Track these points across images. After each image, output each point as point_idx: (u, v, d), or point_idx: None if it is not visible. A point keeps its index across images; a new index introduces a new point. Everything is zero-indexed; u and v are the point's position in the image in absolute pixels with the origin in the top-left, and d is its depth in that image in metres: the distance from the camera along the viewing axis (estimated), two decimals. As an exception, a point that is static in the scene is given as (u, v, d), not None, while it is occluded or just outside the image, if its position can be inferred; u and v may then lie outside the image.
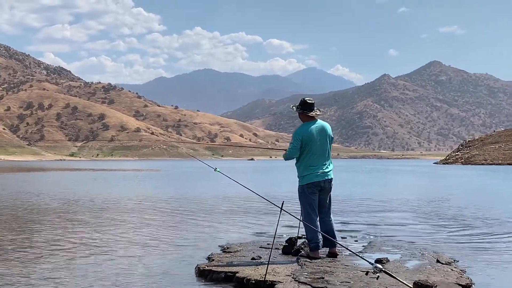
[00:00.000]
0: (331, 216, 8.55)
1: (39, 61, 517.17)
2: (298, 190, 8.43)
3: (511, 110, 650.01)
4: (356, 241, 10.36)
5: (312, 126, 8.33)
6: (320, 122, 8.46)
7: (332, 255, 8.30)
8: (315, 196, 8.30)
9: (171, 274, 7.69)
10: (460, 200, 21.67)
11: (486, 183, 36.00)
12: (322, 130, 8.38)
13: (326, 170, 8.31)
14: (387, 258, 8.06)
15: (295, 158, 8.46)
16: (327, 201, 8.48)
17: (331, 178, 8.40)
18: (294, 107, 8.57)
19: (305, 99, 8.54)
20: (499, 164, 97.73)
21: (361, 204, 18.74)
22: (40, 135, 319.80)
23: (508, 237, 11.43)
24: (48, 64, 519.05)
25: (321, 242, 8.25)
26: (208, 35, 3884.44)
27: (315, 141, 8.25)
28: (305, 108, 8.45)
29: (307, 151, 8.26)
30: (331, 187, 8.44)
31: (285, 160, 8.62)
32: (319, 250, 8.27)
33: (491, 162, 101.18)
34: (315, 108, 8.51)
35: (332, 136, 8.57)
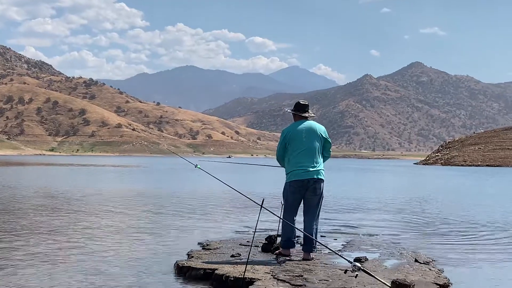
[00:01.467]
0: (316, 221, 8.24)
1: (20, 54, 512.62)
2: (284, 187, 8.38)
3: (491, 112, 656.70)
4: (336, 239, 10.38)
5: (300, 125, 8.25)
6: (310, 122, 8.34)
7: (305, 260, 7.99)
8: (298, 196, 8.14)
9: (150, 270, 7.66)
10: (438, 200, 21.84)
11: (464, 184, 36.31)
12: (311, 129, 8.22)
13: (311, 169, 8.07)
14: (366, 257, 8.09)
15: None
16: (315, 203, 8.20)
17: (319, 178, 8.11)
18: (288, 110, 8.60)
19: (299, 101, 8.58)
20: (478, 165, 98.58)
21: (341, 203, 18.80)
22: (20, 129, 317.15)
23: (485, 236, 11.56)
24: (29, 58, 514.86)
25: (294, 240, 8.28)
26: (191, 32, 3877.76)
27: (300, 138, 8.13)
28: (298, 109, 8.44)
29: (292, 149, 8.15)
30: (318, 188, 8.15)
31: (277, 160, 8.55)
32: (292, 249, 8.26)
33: (470, 164, 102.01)
34: (309, 110, 8.50)
35: (326, 137, 8.33)
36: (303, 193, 8.14)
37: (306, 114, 8.41)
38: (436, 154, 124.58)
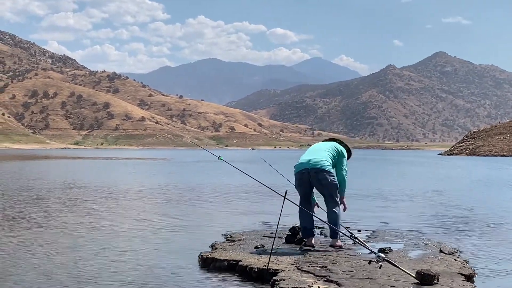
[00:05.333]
0: (335, 208, 8.21)
1: (44, 49, 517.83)
2: None
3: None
4: (360, 231, 10.33)
5: None
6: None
7: (333, 247, 8.17)
8: (303, 188, 8.32)
9: (174, 262, 7.70)
10: (464, 191, 21.67)
11: (491, 175, 35.91)
12: (328, 142, 8.79)
13: (309, 159, 8.24)
14: (390, 247, 8.06)
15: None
16: (327, 194, 8.24)
17: (318, 169, 8.11)
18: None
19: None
20: (504, 155, 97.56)
21: (365, 194, 18.73)
22: (45, 123, 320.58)
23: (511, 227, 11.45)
24: (53, 53, 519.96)
25: (313, 230, 8.35)
26: (212, 24, 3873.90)
27: (312, 146, 8.79)
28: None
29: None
30: (323, 179, 8.12)
31: None
32: (315, 241, 8.41)
33: (495, 154, 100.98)
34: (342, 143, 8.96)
35: (342, 152, 8.54)
36: (308, 185, 8.31)
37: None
38: (461, 145, 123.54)
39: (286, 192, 6.99)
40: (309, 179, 8.21)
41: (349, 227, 10.65)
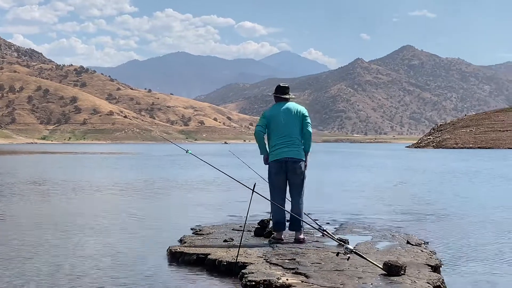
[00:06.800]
0: (301, 200, 8.15)
1: (10, 43, 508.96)
2: (268, 169, 8.35)
3: (482, 95, 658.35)
4: (328, 223, 10.40)
5: (280, 107, 8.26)
6: (291, 103, 8.32)
7: (297, 241, 7.99)
8: (280, 176, 8.11)
9: (143, 256, 7.66)
10: (430, 183, 21.93)
11: (456, 167, 36.38)
12: (290, 110, 8.20)
13: (288, 149, 8.03)
14: (348, 239, 8.01)
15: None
16: (297, 183, 8.13)
17: (297, 158, 8.02)
18: (269, 93, 8.64)
19: (279, 83, 8.59)
20: (470, 147, 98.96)
21: (333, 187, 18.84)
22: (11, 118, 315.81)
23: (476, 218, 11.61)
24: (19, 46, 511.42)
25: (286, 223, 8.24)
26: (180, 17, 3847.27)
27: (279, 120, 8.12)
28: (277, 92, 8.46)
29: (272, 130, 8.16)
30: (298, 168, 8.03)
31: (256, 141, 8.44)
32: (284, 233, 8.25)
33: (462, 146, 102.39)
34: (289, 92, 8.49)
35: (305, 115, 8.19)
36: (285, 173, 8.11)
37: (287, 96, 8.42)
38: (428, 137, 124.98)
39: (254, 185, 6.99)
40: (287, 167, 8.05)
41: (317, 220, 10.72)
